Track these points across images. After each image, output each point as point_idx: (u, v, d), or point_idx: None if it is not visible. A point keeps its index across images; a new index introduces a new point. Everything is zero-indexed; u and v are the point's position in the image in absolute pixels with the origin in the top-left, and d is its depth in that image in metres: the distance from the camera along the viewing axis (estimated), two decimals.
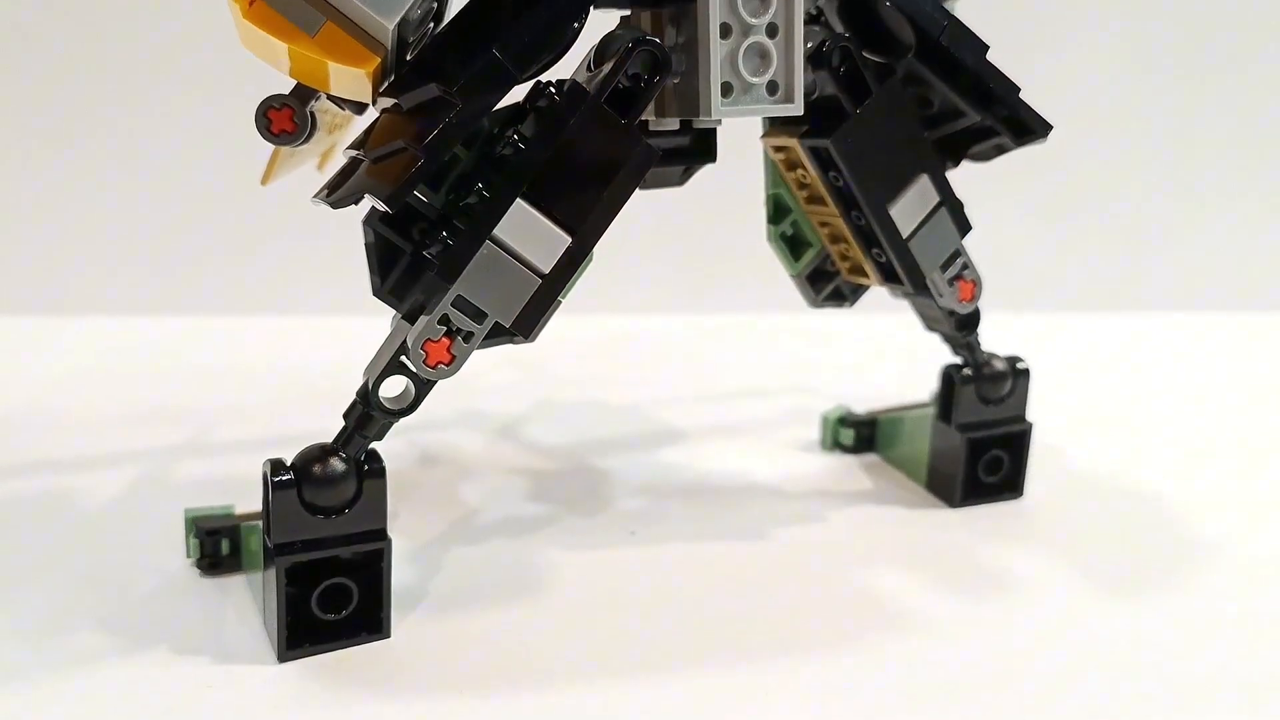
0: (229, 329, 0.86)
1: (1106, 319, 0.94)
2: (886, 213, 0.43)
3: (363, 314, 0.49)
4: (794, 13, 0.39)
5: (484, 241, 0.36)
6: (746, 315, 0.90)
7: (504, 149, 0.37)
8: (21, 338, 0.82)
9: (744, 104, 0.39)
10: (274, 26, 0.33)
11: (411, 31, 0.36)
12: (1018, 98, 0.43)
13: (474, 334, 0.37)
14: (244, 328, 0.86)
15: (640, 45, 0.37)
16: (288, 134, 0.38)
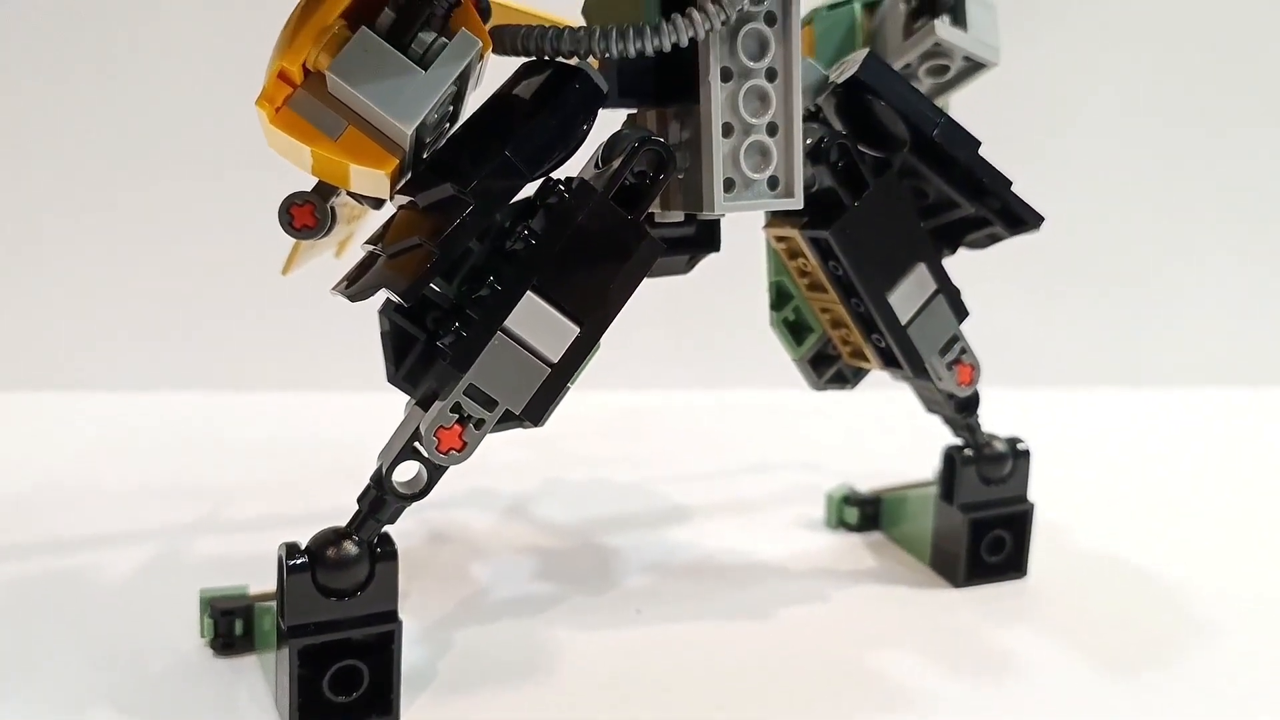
0: (245, 404, 0.87)
1: (1107, 394, 0.94)
2: (885, 300, 0.45)
3: (377, 390, 0.51)
4: (793, 112, 0.40)
5: (495, 333, 0.37)
6: (751, 390, 0.92)
7: (515, 243, 0.39)
8: (39, 413, 0.84)
9: (746, 199, 0.40)
10: (299, 131, 0.35)
11: (429, 133, 0.37)
12: (1010, 191, 0.45)
13: (485, 421, 0.38)
14: (260, 403, 0.88)
15: (646, 144, 0.38)
16: (309, 229, 0.40)
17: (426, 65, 0.35)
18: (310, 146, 0.35)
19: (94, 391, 0.90)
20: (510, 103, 0.38)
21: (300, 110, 0.35)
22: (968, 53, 0.48)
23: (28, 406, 0.86)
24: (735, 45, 0.39)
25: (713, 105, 0.39)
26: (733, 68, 0.39)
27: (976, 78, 0.51)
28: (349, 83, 0.34)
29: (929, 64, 0.49)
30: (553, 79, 0.38)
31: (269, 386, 0.91)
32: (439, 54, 0.35)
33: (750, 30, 0.39)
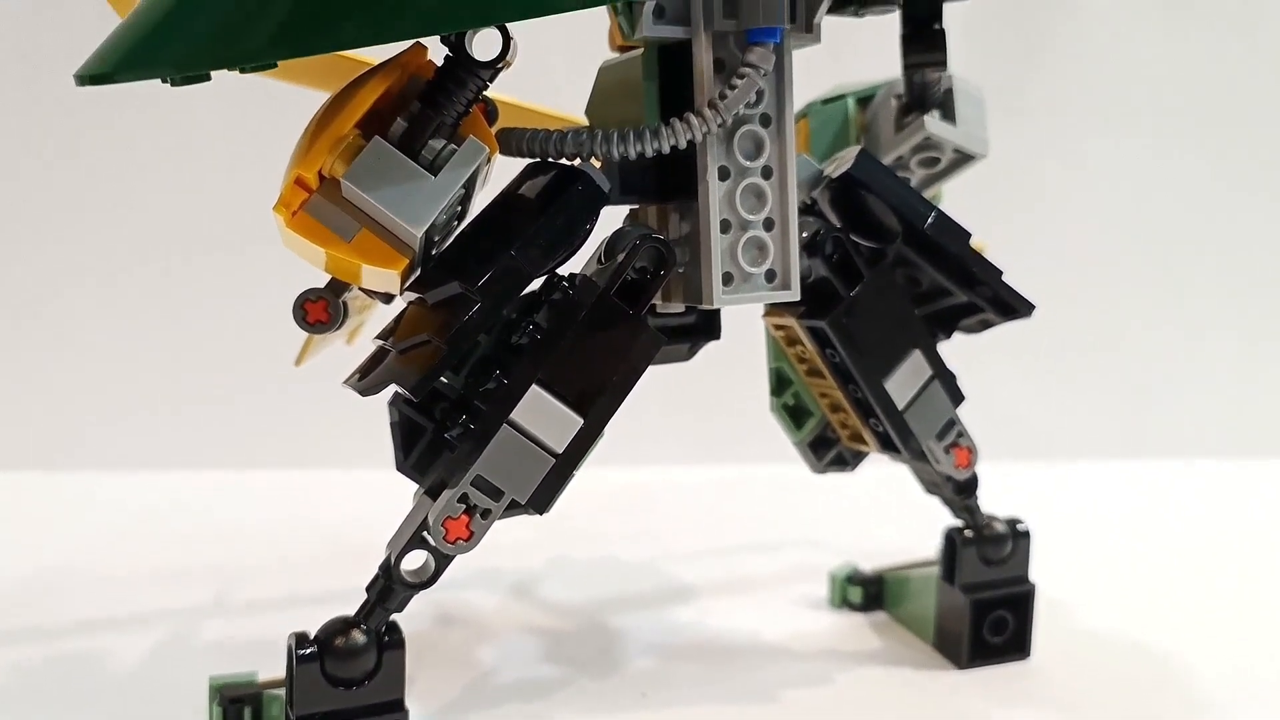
0: (254, 483, 0.88)
1: (1106, 467, 0.95)
2: (882, 387, 0.46)
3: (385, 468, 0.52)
4: (789, 208, 0.42)
5: (502, 425, 0.38)
6: (753, 466, 0.92)
7: (521, 337, 0.40)
8: (46, 494, 0.85)
9: (744, 292, 0.42)
10: (314, 233, 0.37)
11: (438, 232, 0.39)
12: (1000, 281, 0.46)
13: (492, 511, 0.39)
14: (269, 482, 0.89)
15: (647, 241, 0.40)
16: (322, 324, 0.42)
17: (436, 171, 0.36)
18: (324, 248, 0.37)
19: (102, 471, 0.90)
20: (516, 203, 0.40)
21: (316, 214, 0.37)
22: (957, 146, 0.50)
23: (34, 487, 0.86)
24: (732, 146, 0.41)
25: (711, 203, 0.40)
26: (730, 167, 0.41)
27: (968, 168, 0.53)
28: (362, 189, 0.36)
29: (920, 156, 0.51)
30: (557, 180, 0.39)
31: (278, 465, 0.92)
32: (448, 160, 0.37)
33: (746, 131, 0.41)
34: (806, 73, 0.46)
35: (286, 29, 0.30)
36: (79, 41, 0.36)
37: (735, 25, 0.39)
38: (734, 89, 0.38)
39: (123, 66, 0.31)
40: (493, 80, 0.37)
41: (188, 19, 0.31)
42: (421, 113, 0.36)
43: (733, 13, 0.39)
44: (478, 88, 0.37)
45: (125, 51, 0.31)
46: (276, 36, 0.30)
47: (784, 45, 0.41)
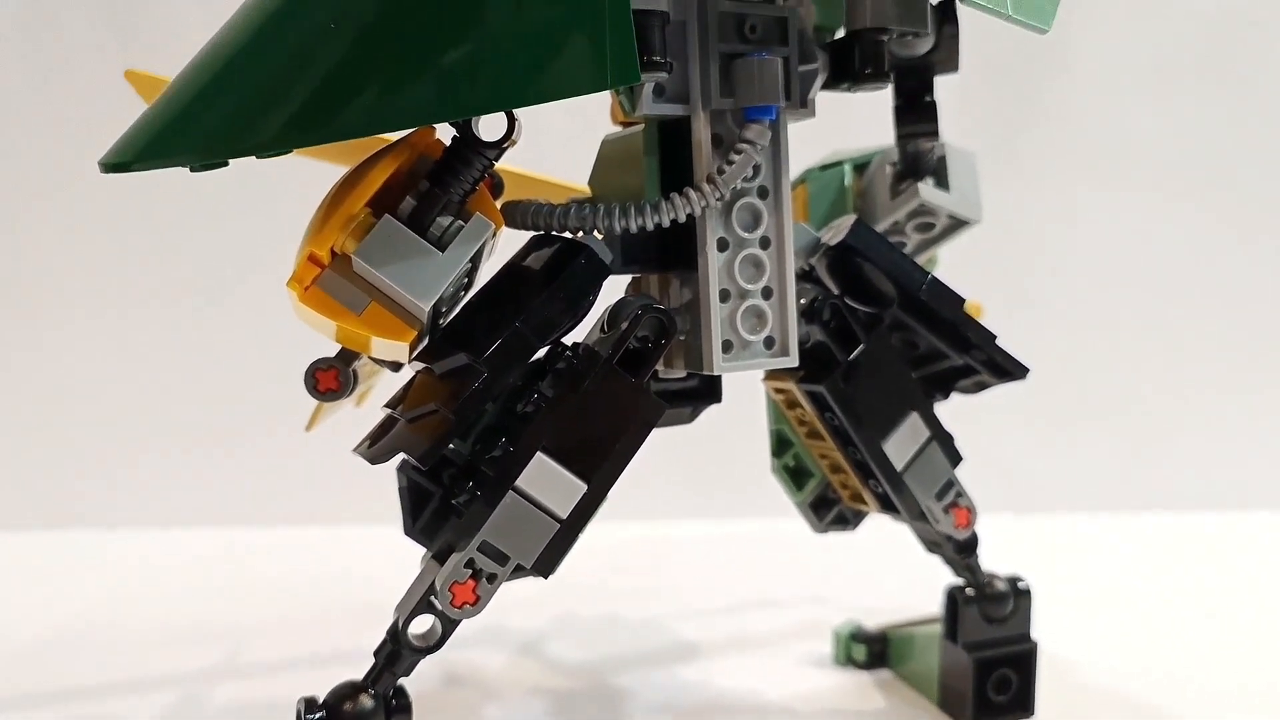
0: (265, 541, 0.89)
1: (1108, 520, 0.95)
2: (880, 449, 0.47)
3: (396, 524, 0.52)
4: (786, 277, 0.43)
5: (507, 492, 0.39)
6: (757, 521, 0.93)
7: (526, 406, 0.41)
8: (58, 551, 0.86)
9: (743, 359, 0.43)
10: (326, 307, 0.38)
11: (445, 304, 0.40)
12: (994, 345, 0.47)
13: (497, 575, 0.40)
14: (281, 540, 0.89)
15: (649, 311, 0.41)
16: (333, 392, 0.43)
17: (444, 247, 0.37)
18: (335, 321, 0.38)
19: (110, 530, 0.91)
20: (521, 275, 0.41)
21: (327, 288, 0.38)
22: (951, 212, 0.52)
23: (41, 546, 0.87)
24: (730, 217, 0.42)
25: (710, 274, 0.42)
26: (729, 238, 0.42)
27: (962, 232, 0.54)
28: (372, 265, 0.37)
29: (915, 221, 0.53)
30: (560, 253, 0.41)
31: (287, 522, 0.93)
32: (455, 236, 0.38)
33: (744, 204, 0.42)
34: (803, 141, 0.47)
35: (298, 120, 0.31)
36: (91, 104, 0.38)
37: (732, 103, 0.41)
38: (732, 164, 0.40)
39: (143, 155, 0.32)
40: (498, 159, 0.38)
41: (204, 111, 0.32)
42: (430, 191, 0.38)
43: (730, 91, 0.41)
44: (484, 166, 0.38)
45: (146, 141, 0.32)
46: (289, 127, 0.31)
47: (780, 121, 0.42)
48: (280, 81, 0.32)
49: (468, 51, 0.32)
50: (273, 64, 0.32)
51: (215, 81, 0.33)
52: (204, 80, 0.33)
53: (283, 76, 0.32)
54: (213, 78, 0.33)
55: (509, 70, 0.33)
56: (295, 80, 0.32)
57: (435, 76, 0.32)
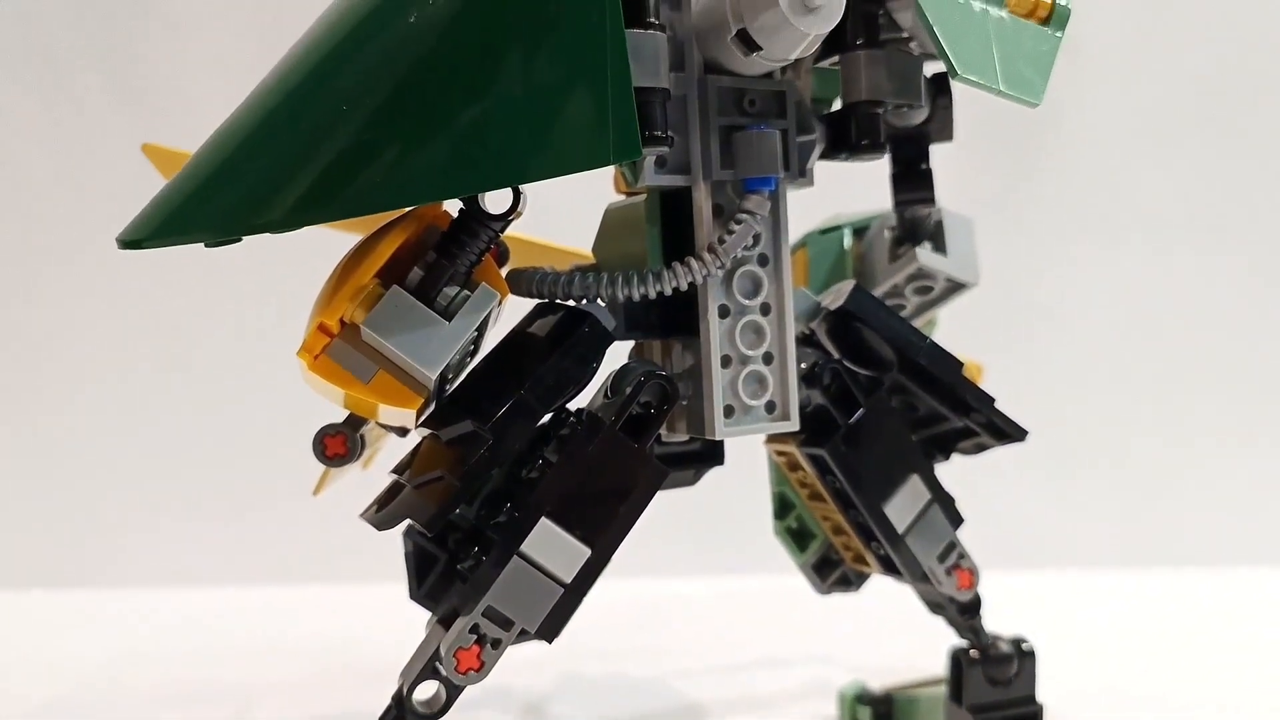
0: (269, 600, 0.89)
1: (1111, 576, 0.95)
2: (882, 511, 0.47)
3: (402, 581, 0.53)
4: (786, 343, 0.44)
5: (512, 557, 0.40)
6: (761, 577, 0.92)
7: (531, 471, 0.42)
8: (59, 612, 0.86)
9: (745, 424, 0.44)
10: (334, 376, 0.38)
11: (452, 370, 0.41)
12: (993, 408, 0.48)
13: (502, 641, 0.40)
14: (285, 599, 0.89)
15: (651, 378, 0.42)
16: (340, 457, 0.44)
17: (450, 317, 0.38)
18: (344, 389, 0.39)
19: (116, 589, 0.91)
20: (526, 342, 0.42)
21: (336, 357, 0.38)
22: (949, 275, 0.52)
23: (45, 605, 0.87)
24: (731, 285, 0.43)
25: (711, 341, 0.42)
26: (729, 305, 0.43)
27: (961, 294, 0.55)
28: (381, 335, 0.37)
29: (914, 284, 0.53)
30: (565, 321, 0.41)
31: (291, 581, 0.93)
32: (462, 306, 0.38)
33: (745, 271, 0.43)
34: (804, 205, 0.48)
35: (309, 199, 0.32)
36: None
37: (732, 174, 0.42)
38: (732, 234, 0.41)
39: (159, 233, 0.33)
40: (504, 231, 0.39)
41: (218, 190, 0.33)
42: (437, 262, 0.38)
43: (730, 163, 0.42)
44: (489, 238, 0.39)
45: (162, 219, 0.34)
46: (300, 205, 0.32)
47: (779, 191, 0.43)
48: (293, 162, 0.33)
49: (474, 130, 0.33)
50: (286, 145, 0.33)
51: (229, 161, 0.34)
52: (218, 160, 0.34)
53: (295, 157, 0.33)
54: (227, 158, 0.34)
55: (514, 148, 0.34)
56: (307, 160, 0.33)
57: (442, 155, 0.33)
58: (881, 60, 0.43)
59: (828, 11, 0.38)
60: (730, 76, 0.42)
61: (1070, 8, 0.42)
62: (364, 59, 0.34)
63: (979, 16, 0.40)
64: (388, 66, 0.33)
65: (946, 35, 0.38)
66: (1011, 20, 0.41)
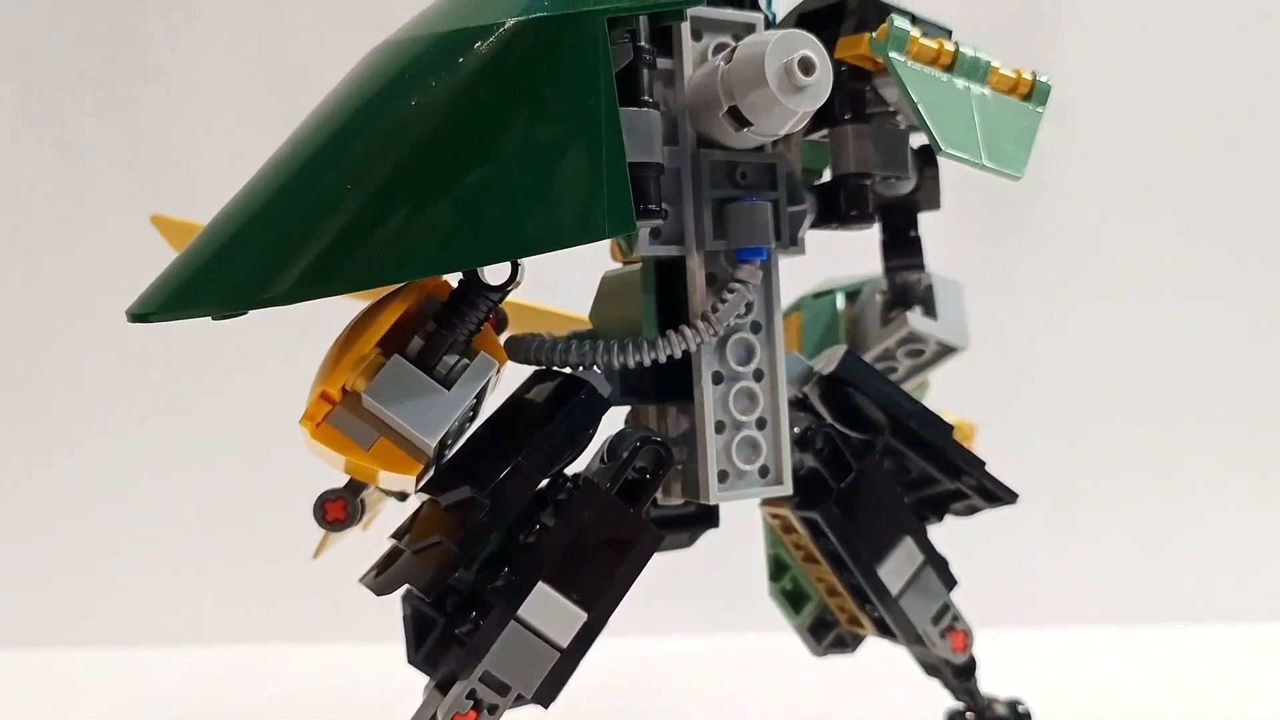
0: (269, 659, 0.89)
1: (1107, 633, 0.94)
2: (875, 574, 0.48)
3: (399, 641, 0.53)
4: (779, 408, 0.45)
5: (509, 622, 0.40)
6: (759, 636, 0.92)
7: (528, 536, 0.42)
8: (54, 672, 0.85)
9: (739, 488, 0.44)
10: (336, 443, 0.39)
11: (451, 436, 0.42)
12: (983, 471, 0.49)
13: (499, 706, 0.40)
14: (287, 658, 0.89)
15: (647, 444, 0.43)
16: (340, 522, 0.44)
17: (450, 385, 0.39)
18: (345, 456, 0.39)
19: (122, 647, 0.91)
20: (524, 408, 0.43)
21: (337, 424, 0.39)
22: (940, 340, 0.53)
23: (40, 665, 0.87)
24: (725, 352, 0.44)
25: (706, 407, 0.43)
26: (723, 371, 0.44)
27: (952, 357, 0.56)
28: (381, 403, 0.38)
29: (906, 348, 0.54)
30: (561, 388, 0.42)
31: (289, 640, 0.93)
32: (461, 374, 0.39)
33: (738, 339, 0.44)
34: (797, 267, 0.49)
35: (312, 274, 0.33)
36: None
37: (725, 245, 0.43)
38: (725, 303, 0.42)
39: (167, 306, 0.34)
40: (502, 301, 0.40)
41: (225, 266, 0.34)
42: (437, 332, 0.39)
43: (722, 233, 0.43)
44: (488, 308, 0.40)
45: (170, 293, 0.35)
46: (304, 280, 0.33)
47: (771, 260, 0.44)
48: (297, 238, 0.34)
49: (474, 208, 0.34)
50: (290, 221, 0.34)
51: (235, 237, 0.35)
52: (225, 236, 0.35)
53: (299, 233, 0.34)
54: (233, 234, 0.35)
55: (512, 224, 0.35)
56: (311, 237, 0.34)
57: (443, 232, 0.34)
58: (869, 134, 0.45)
59: (815, 90, 0.39)
60: (723, 150, 0.43)
61: (1050, 84, 0.44)
62: (367, 139, 0.35)
63: (962, 94, 0.41)
64: (390, 146, 0.35)
65: (930, 113, 0.40)
66: (994, 97, 0.43)
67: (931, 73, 0.41)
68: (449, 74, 0.35)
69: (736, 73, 0.40)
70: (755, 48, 0.39)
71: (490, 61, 0.35)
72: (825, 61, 0.39)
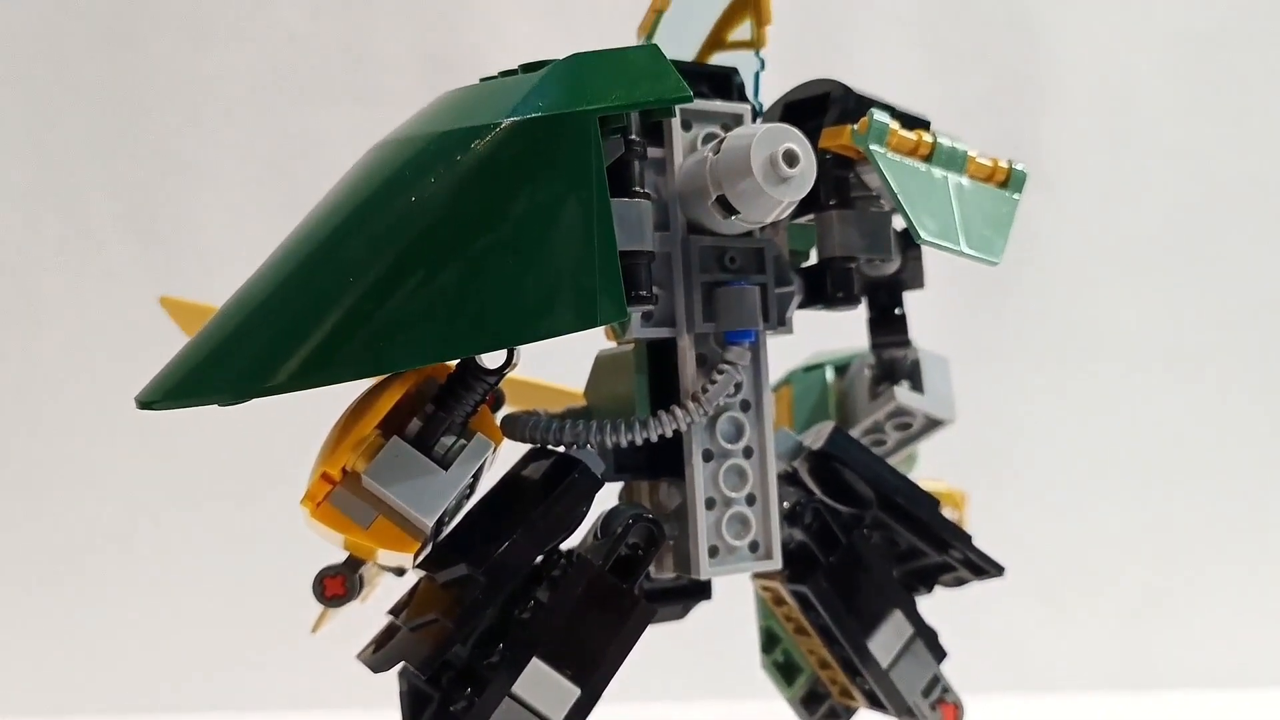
0: None
1: (1105, 699, 0.94)
2: (865, 647, 0.48)
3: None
4: (768, 484, 0.46)
5: (504, 699, 0.41)
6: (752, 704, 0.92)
7: (523, 612, 0.43)
8: None
9: (729, 563, 0.45)
10: (336, 522, 0.40)
11: (448, 514, 0.43)
12: (970, 545, 0.50)
13: None
14: None
15: (639, 521, 0.44)
16: (339, 598, 0.45)
17: (447, 465, 0.40)
18: (344, 535, 0.40)
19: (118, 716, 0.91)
20: (519, 486, 0.44)
21: (337, 504, 0.40)
22: (927, 413, 0.55)
23: None
24: (715, 431, 0.45)
25: (696, 484, 0.44)
26: (713, 449, 0.45)
27: (940, 430, 0.57)
28: (381, 484, 0.39)
29: (894, 421, 0.56)
30: (556, 467, 0.43)
31: (287, 710, 0.93)
32: (458, 455, 0.41)
33: (728, 417, 0.45)
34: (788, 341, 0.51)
35: (314, 364, 0.35)
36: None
37: (714, 327, 0.44)
38: (715, 383, 0.43)
39: (171, 395, 0.36)
40: (498, 383, 0.42)
41: (229, 357, 0.36)
42: (435, 414, 0.41)
43: (712, 316, 0.44)
44: (484, 391, 0.41)
45: (175, 383, 0.36)
46: (305, 370, 0.35)
47: (759, 341, 0.46)
48: (299, 329, 0.35)
49: (471, 299, 0.36)
50: (292, 313, 0.36)
51: (240, 329, 0.36)
52: (230, 328, 0.37)
53: (301, 324, 0.35)
54: (238, 325, 0.36)
55: (507, 315, 0.36)
56: (313, 328, 0.35)
57: (441, 323, 0.36)
58: (853, 219, 0.46)
59: (800, 181, 0.41)
60: (712, 235, 0.45)
61: (1026, 172, 0.46)
62: (367, 233, 0.37)
63: (940, 183, 0.43)
64: (389, 241, 0.36)
65: (910, 203, 0.41)
66: (972, 185, 0.44)
67: (911, 163, 0.43)
68: (446, 172, 0.36)
69: (724, 164, 0.41)
70: (742, 140, 0.41)
71: (486, 160, 0.36)
72: (809, 153, 0.41)
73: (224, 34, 0.93)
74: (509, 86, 0.39)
